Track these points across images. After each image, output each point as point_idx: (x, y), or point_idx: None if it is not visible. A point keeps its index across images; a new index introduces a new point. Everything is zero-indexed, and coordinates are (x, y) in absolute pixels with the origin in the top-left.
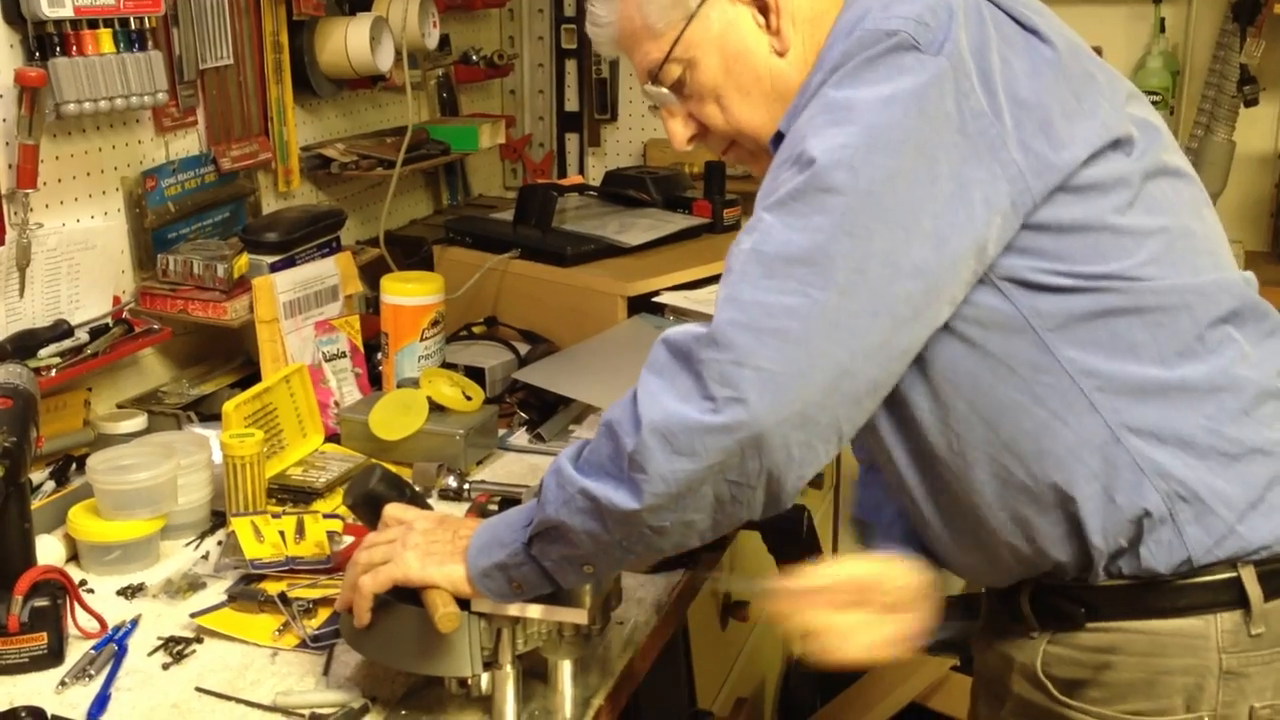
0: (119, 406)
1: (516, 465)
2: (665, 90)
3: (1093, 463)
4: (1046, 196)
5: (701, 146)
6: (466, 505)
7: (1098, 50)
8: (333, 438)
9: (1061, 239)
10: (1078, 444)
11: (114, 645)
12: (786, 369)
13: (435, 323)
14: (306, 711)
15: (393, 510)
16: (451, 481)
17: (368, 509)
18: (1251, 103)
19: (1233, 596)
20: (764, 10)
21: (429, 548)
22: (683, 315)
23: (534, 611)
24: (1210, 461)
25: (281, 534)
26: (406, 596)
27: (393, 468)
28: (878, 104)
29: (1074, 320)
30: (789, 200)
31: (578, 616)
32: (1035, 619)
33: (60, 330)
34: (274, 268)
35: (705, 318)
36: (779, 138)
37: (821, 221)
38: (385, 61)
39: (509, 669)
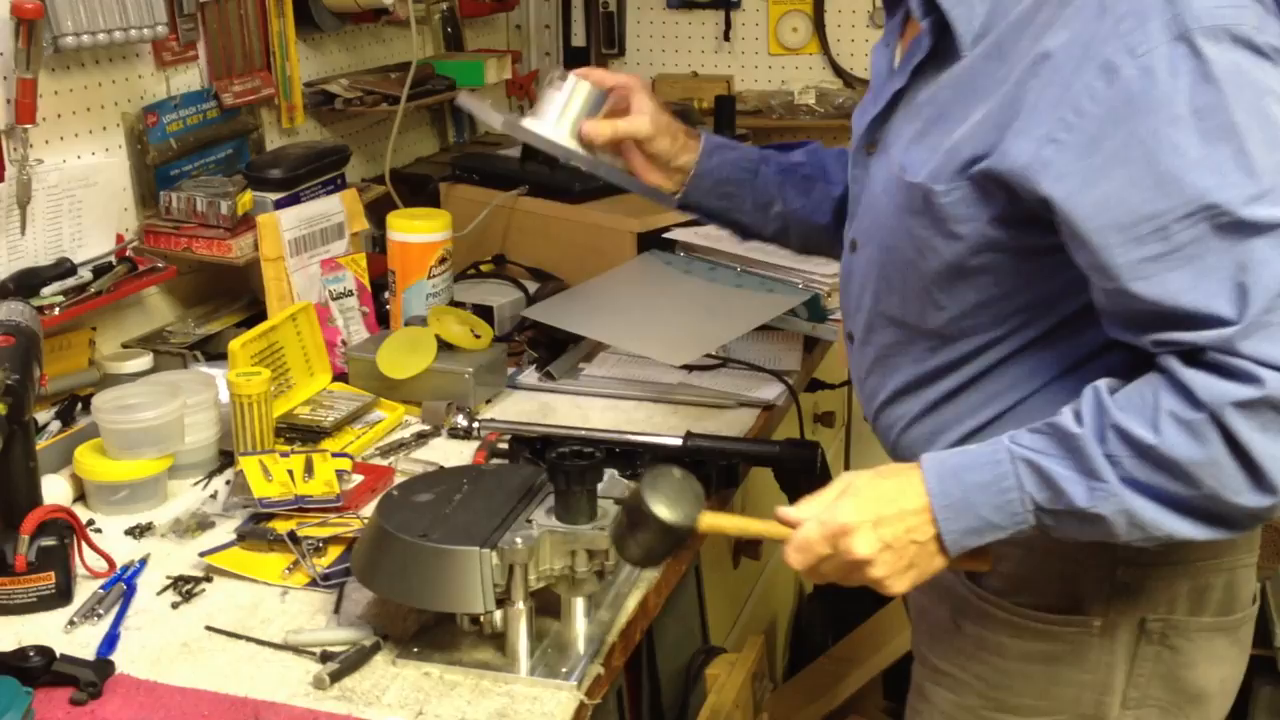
0: (124, 346)
1: (526, 403)
2: None
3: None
4: None
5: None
6: (476, 444)
7: None
8: (340, 376)
9: None
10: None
11: (123, 584)
12: None
13: (443, 260)
14: (318, 649)
15: (811, 529)
16: (461, 420)
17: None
18: None
19: None
20: None
21: (902, 563)
22: (694, 252)
23: None
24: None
25: (290, 473)
26: (420, 531)
27: (400, 407)
28: None
29: None
30: None
31: None
32: None
33: (63, 268)
34: (278, 205)
35: (716, 254)
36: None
37: None
38: None
39: (521, 606)
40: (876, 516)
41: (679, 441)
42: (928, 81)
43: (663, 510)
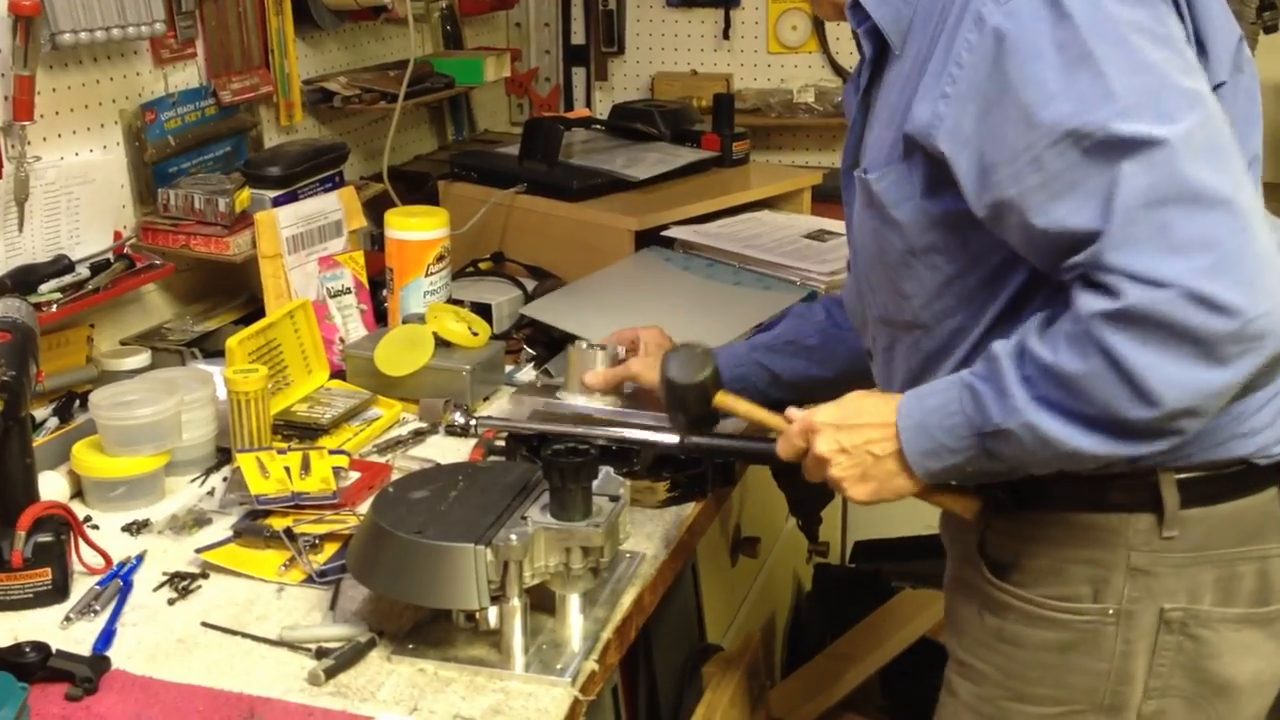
0: (122, 343)
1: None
2: None
3: None
4: None
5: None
6: (473, 441)
7: None
8: (338, 374)
9: None
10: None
11: (119, 581)
12: None
13: (441, 258)
14: (313, 646)
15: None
16: (458, 417)
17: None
18: (1271, 29)
19: (1148, 499)
20: None
21: (865, 476)
22: (691, 249)
23: None
24: None
25: (287, 469)
26: (415, 528)
27: (398, 404)
28: None
29: None
30: None
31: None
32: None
33: (61, 265)
34: (276, 202)
35: (715, 252)
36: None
37: None
38: None
39: (516, 602)
40: (841, 422)
41: (675, 439)
42: (880, 88)
43: (673, 371)
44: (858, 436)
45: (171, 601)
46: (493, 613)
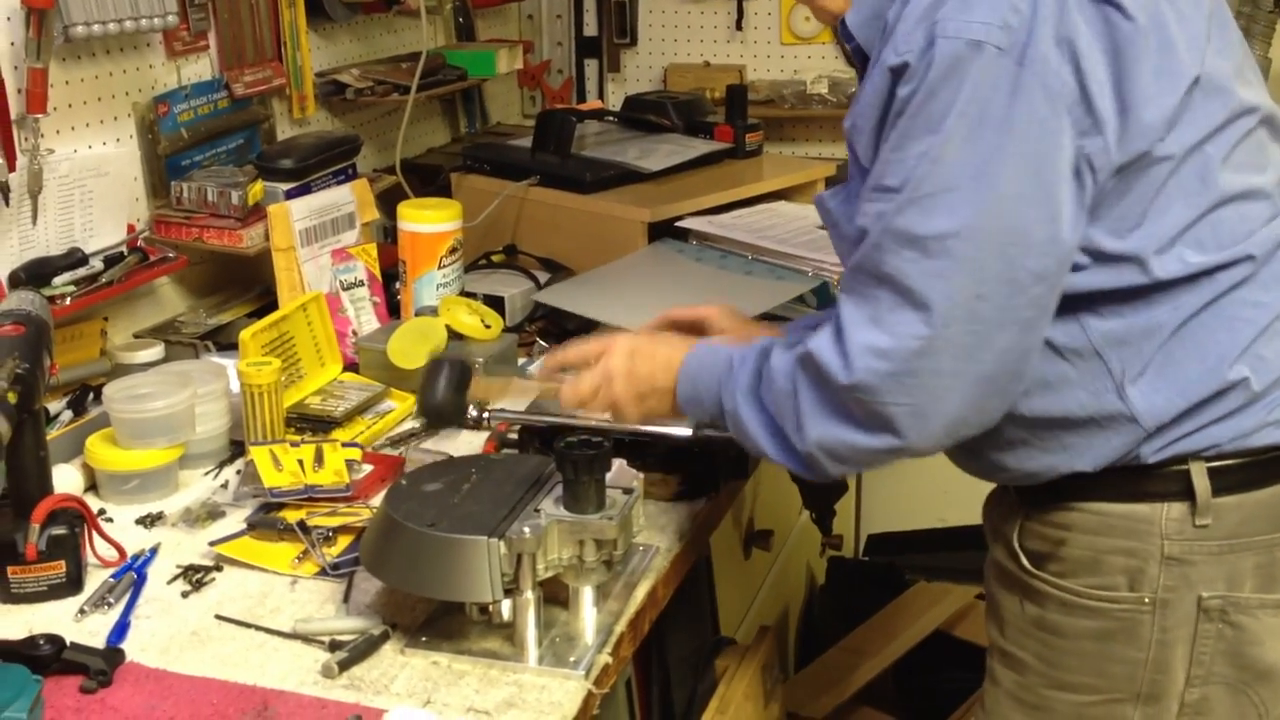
0: (136, 336)
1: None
2: None
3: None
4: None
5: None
6: (486, 434)
7: None
8: (351, 366)
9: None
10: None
11: (133, 574)
12: None
13: (453, 250)
14: (326, 638)
15: (585, 349)
16: (471, 410)
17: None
18: None
19: (1181, 488)
20: None
21: (640, 396)
22: (706, 240)
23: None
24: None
25: (300, 462)
26: (428, 521)
27: (411, 396)
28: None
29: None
30: None
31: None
32: (1017, 496)
33: (74, 258)
34: (289, 195)
35: (729, 243)
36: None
37: None
38: None
39: (530, 595)
40: (637, 349)
41: (688, 432)
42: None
43: (423, 403)
44: (647, 366)
45: (185, 594)
46: (506, 605)
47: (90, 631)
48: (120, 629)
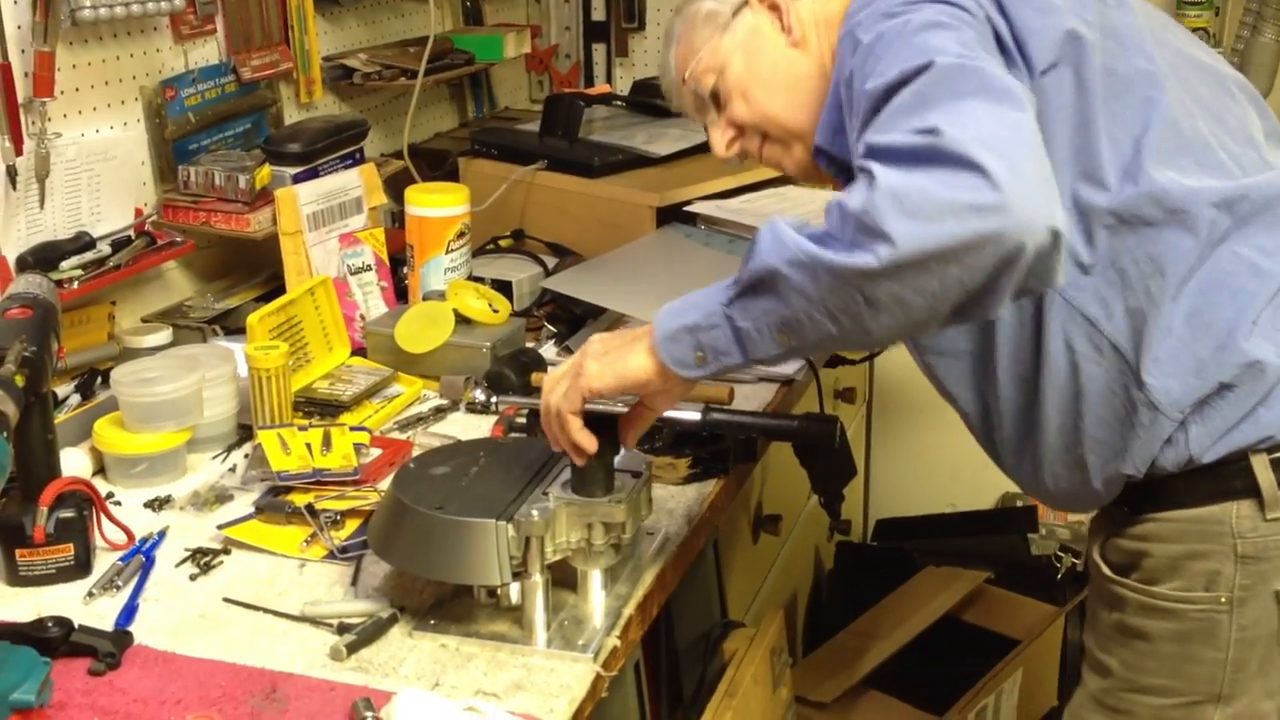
0: (143, 320)
1: None
2: (706, 96)
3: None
4: None
5: (748, 160)
6: (494, 418)
7: None
8: (359, 351)
9: None
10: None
11: (141, 557)
12: None
13: (461, 234)
14: (335, 621)
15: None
16: (479, 394)
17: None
18: None
19: (1245, 484)
20: (774, 9)
21: (605, 352)
22: (714, 225)
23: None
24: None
25: (308, 446)
26: (436, 504)
27: (419, 380)
28: None
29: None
30: None
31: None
32: (1101, 514)
33: (82, 242)
34: (297, 179)
35: (737, 227)
36: (819, 153)
37: None
38: None
39: (538, 578)
40: (608, 349)
41: (697, 415)
42: None
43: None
44: (616, 338)
45: (194, 577)
46: (514, 589)
47: (99, 614)
48: (129, 612)
